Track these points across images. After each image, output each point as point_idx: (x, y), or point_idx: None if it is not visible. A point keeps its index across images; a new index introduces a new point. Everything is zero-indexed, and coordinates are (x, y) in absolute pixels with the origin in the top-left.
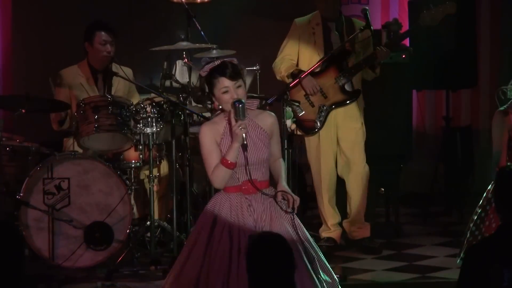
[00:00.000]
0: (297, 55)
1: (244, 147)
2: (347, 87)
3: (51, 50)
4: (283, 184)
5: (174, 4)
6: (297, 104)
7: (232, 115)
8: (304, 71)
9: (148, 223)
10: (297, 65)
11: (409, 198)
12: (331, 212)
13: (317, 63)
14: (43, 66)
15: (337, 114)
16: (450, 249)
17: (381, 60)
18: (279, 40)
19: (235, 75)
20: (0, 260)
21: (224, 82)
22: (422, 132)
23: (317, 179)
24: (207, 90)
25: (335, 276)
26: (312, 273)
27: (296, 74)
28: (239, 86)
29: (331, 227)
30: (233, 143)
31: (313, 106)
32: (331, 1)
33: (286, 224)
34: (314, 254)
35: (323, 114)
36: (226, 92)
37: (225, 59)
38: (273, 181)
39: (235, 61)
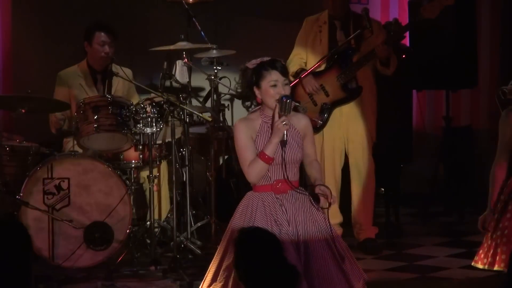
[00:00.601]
0: (306, 53)
1: (283, 143)
2: (350, 85)
3: (51, 50)
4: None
5: (174, 4)
6: (298, 103)
7: (277, 110)
8: (306, 70)
9: (148, 223)
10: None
11: (409, 198)
12: (333, 211)
13: (317, 62)
14: (43, 66)
15: (342, 114)
16: (450, 249)
17: (383, 57)
18: (279, 40)
19: (286, 71)
20: (10, 259)
21: (275, 76)
22: (422, 132)
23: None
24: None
25: (364, 276)
26: (345, 271)
27: (298, 73)
28: (286, 84)
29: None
30: (273, 138)
31: (315, 104)
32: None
33: (319, 223)
34: (344, 254)
35: (324, 112)
36: (274, 86)
37: (275, 58)
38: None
39: (283, 61)
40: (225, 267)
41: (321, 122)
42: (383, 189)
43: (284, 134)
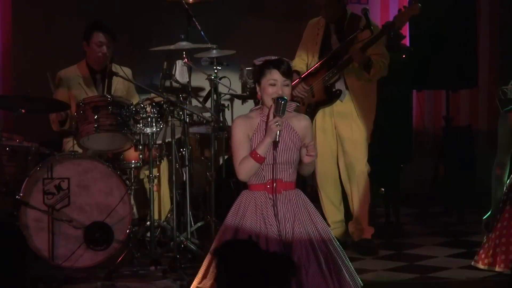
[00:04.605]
0: (307, 55)
1: (275, 144)
2: (337, 86)
3: (51, 50)
4: None
5: (174, 4)
6: (298, 104)
7: (272, 110)
8: (297, 71)
9: (148, 223)
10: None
11: (409, 198)
12: (332, 209)
13: (315, 65)
14: (43, 66)
15: (333, 112)
16: (450, 249)
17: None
18: (279, 39)
19: (288, 73)
20: (4, 260)
21: (275, 75)
22: (422, 132)
23: (316, 175)
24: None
25: (357, 281)
26: (327, 273)
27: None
28: (286, 85)
29: (331, 225)
30: (266, 137)
31: (303, 104)
32: (331, 5)
33: (308, 225)
34: (335, 255)
35: (308, 111)
36: (273, 84)
37: (283, 58)
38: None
39: (291, 62)
40: (216, 264)
41: None
42: (383, 189)
43: (276, 135)
